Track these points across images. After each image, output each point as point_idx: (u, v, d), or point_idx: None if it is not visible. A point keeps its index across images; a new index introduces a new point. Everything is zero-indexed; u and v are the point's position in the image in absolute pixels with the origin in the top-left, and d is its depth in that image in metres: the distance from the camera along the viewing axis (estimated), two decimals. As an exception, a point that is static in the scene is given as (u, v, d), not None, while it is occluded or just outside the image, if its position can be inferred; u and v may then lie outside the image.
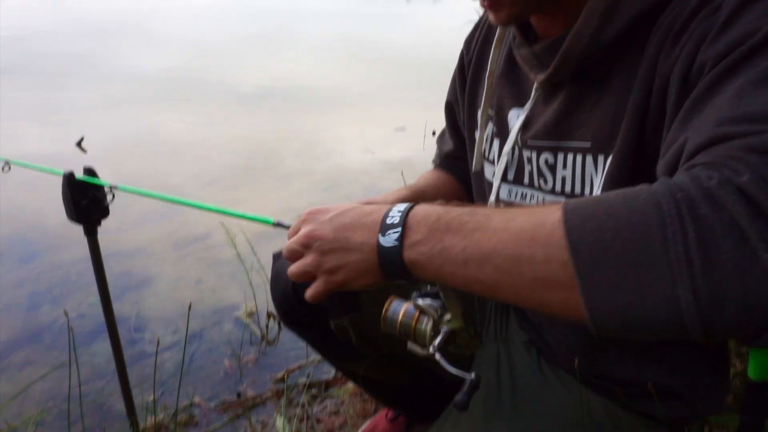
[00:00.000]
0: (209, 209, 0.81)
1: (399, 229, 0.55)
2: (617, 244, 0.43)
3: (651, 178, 0.53)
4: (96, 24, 11.04)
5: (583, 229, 0.45)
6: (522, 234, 0.49)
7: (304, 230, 0.63)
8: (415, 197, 0.94)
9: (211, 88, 6.10)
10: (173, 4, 15.67)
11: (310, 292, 0.66)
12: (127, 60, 7.47)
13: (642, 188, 0.47)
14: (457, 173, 1.08)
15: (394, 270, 0.57)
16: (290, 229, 0.68)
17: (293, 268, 0.66)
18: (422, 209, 0.57)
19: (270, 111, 5.24)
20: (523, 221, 0.49)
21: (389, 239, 0.56)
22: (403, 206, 0.58)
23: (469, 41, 0.99)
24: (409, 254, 0.55)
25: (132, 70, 6.81)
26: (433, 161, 1.15)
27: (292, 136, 4.29)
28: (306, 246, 0.62)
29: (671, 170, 0.53)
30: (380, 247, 0.56)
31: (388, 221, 0.56)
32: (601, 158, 0.70)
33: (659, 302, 0.42)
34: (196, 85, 6.25)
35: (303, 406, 1.53)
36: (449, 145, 1.09)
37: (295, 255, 0.66)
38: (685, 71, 0.57)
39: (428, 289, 0.66)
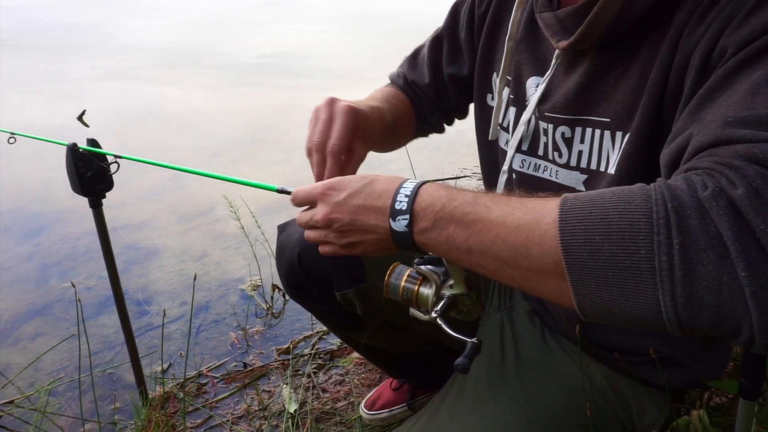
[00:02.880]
0: (212, 176, 0.81)
1: (407, 216, 0.59)
2: (606, 248, 0.46)
3: None
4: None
5: (575, 231, 0.48)
6: (520, 229, 0.52)
7: (321, 212, 0.65)
8: (390, 126, 0.93)
9: (213, 60, 6.04)
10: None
11: (326, 250, 0.69)
12: (130, 32, 7.40)
13: (637, 191, 0.48)
14: (417, 106, 1.04)
15: (408, 248, 0.62)
16: (300, 195, 0.68)
17: (312, 235, 0.69)
18: (427, 196, 0.59)
19: (273, 83, 5.20)
20: (521, 216, 0.52)
21: (399, 225, 0.60)
22: (408, 188, 0.60)
23: None
24: (419, 239, 0.60)
25: (134, 42, 6.75)
26: (393, 79, 1.08)
27: (295, 107, 4.26)
28: (326, 225, 0.65)
29: (674, 162, 0.55)
30: (393, 231, 0.61)
31: (397, 206, 0.60)
32: (619, 135, 0.69)
33: (641, 304, 0.45)
34: (198, 56, 6.20)
35: (308, 375, 1.55)
36: (422, 76, 1.03)
37: (313, 227, 0.69)
38: (706, 53, 0.56)
39: (431, 255, 0.67)
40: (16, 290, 2.04)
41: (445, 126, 1.10)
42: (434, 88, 1.02)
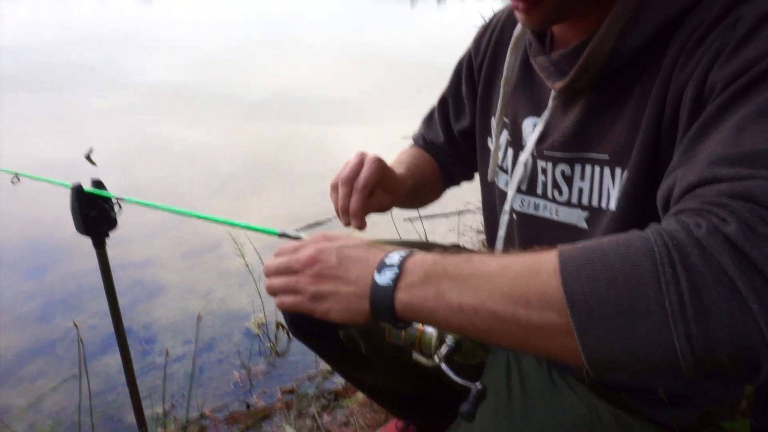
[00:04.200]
0: (215, 220, 0.82)
1: (396, 269, 0.55)
2: (612, 293, 0.44)
3: None
4: (104, 35, 11.18)
5: (578, 278, 0.46)
6: (518, 281, 0.49)
7: (308, 252, 0.62)
8: (416, 186, 0.97)
9: (218, 97, 6.15)
10: (179, 15, 15.84)
11: (287, 301, 0.64)
12: (135, 70, 7.56)
13: (633, 235, 0.47)
14: (441, 162, 1.08)
15: (382, 309, 0.56)
16: (282, 247, 0.66)
17: (277, 282, 0.64)
18: (421, 255, 0.57)
19: (277, 119, 5.27)
20: (519, 268, 0.50)
21: (384, 277, 0.55)
22: (405, 251, 0.58)
23: (478, 42, 0.97)
24: (402, 296, 0.54)
25: (140, 80, 6.88)
26: (415, 139, 1.13)
27: (298, 143, 4.31)
28: (306, 265, 0.62)
29: (665, 203, 0.55)
30: (374, 284, 0.56)
31: (387, 261, 0.57)
32: (618, 171, 0.69)
33: (655, 347, 0.44)
34: (203, 94, 6.31)
35: (313, 416, 1.53)
36: (437, 136, 1.08)
37: (285, 270, 0.64)
38: (698, 89, 0.57)
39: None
40: (19, 329, 2.04)
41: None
42: (450, 146, 1.06)
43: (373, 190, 0.82)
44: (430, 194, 1.09)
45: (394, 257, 0.57)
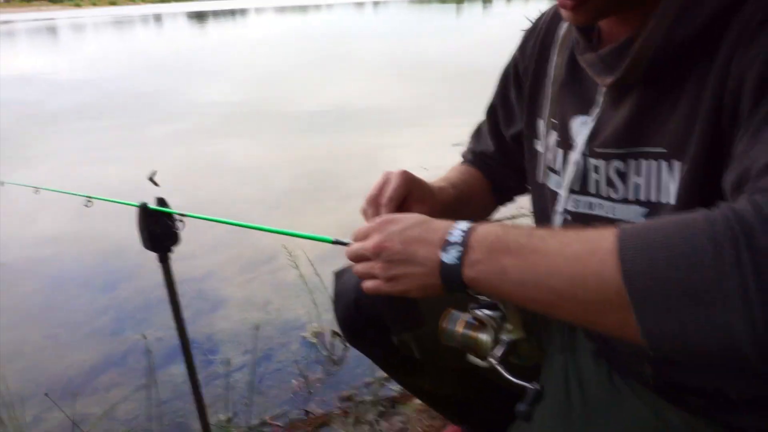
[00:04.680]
0: (270, 231, 0.85)
1: (460, 247, 0.58)
2: (671, 273, 0.44)
3: None
4: (163, 62, 11.76)
5: (636, 257, 0.46)
6: (577, 259, 0.50)
7: (375, 239, 0.66)
8: (458, 196, 0.96)
9: (273, 115, 6.35)
10: (232, 37, 16.45)
11: (369, 285, 0.69)
12: (194, 94, 7.91)
13: (699, 215, 0.46)
14: (491, 175, 1.07)
15: (454, 285, 0.59)
16: (358, 230, 0.70)
17: (359, 267, 0.69)
18: (482, 229, 0.59)
19: (330, 133, 5.38)
20: (578, 246, 0.51)
21: (451, 257, 0.58)
22: (465, 225, 0.60)
23: (523, 47, 0.97)
24: (468, 272, 0.58)
25: (199, 103, 7.20)
26: (464, 156, 1.12)
27: (350, 156, 4.38)
28: (375, 254, 0.66)
29: (737, 187, 0.52)
30: (442, 264, 0.59)
31: (451, 239, 0.59)
32: (676, 164, 0.67)
33: (715, 330, 0.43)
34: (259, 112, 6.53)
35: (370, 423, 1.54)
36: (488, 146, 1.07)
37: (361, 258, 0.69)
38: (758, 77, 0.55)
39: (486, 300, 0.66)
40: (93, 342, 2.16)
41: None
42: (502, 154, 1.05)
43: (404, 203, 0.83)
44: (479, 207, 1.08)
45: (457, 234, 0.59)
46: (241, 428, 1.59)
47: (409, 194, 0.83)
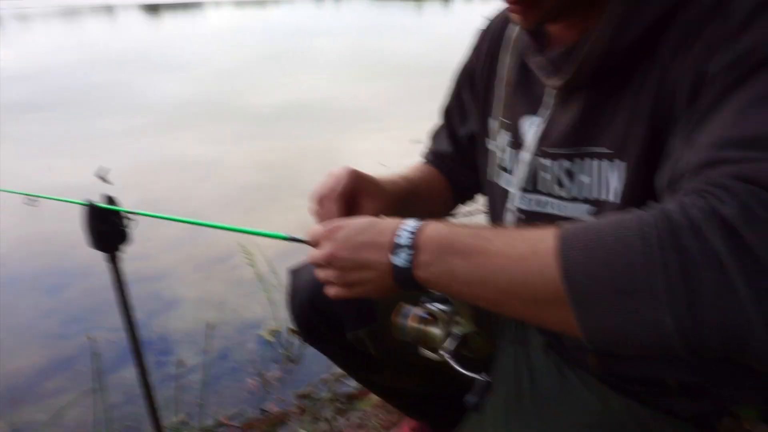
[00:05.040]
0: (223, 228, 0.84)
1: (410, 251, 0.60)
2: (606, 273, 0.46)
3: None
4: (116, 55, 11.37)
5: (574, 258, 0.48)
6: (520, 259, 0.52)
7: (326, 249, 0.67)
8: (411, 189, 0.96)
9: (230, 112, 6.22)
10: (188, 31, 16.04)
11: (331, 293, 0.70)
12: (148, 89, 7.67)
13: (632, 215, 0.49)
14: (449, 174, 1.07)
15: (407, 286, 0.61)
16: (310, 231, 0.71)
17: (321, 274, 0.70)
18: (429, 230, 0.61)
19: (287, 130, 5.31)
20: (521, 246, 0.53)
21: (401, 260, 0.60)
22: (412, 225, 0.61)
23: (477, 48, 0.99)
24: (420, 274, 0.60)
25: (152, 99, 6.98)
26: (424, 156, 1.13)
27: (308, 153, 4.34)
28: (327, 263, 0.67)
29: (668, 187, 0.55)
30: (394, 267, 0.61)
31: (400, 241, 0.60)
32: (619, 163, 0.70)
33: (646, 327, 0.45)
34: (215, 109, 6.38)
35: (328, 420, 1.53)
36: (445, 146, 1.08)
37: (317, 265, 0.70)
38: (695, 78, 0.58)
39: (438, 293, 0.67)
40: (38, 346, 2.07)
41: None
42: (458, 154, 1.06)
43: (354, 198, 0.83)
44: (438, 204, 1.08)
45: (405, 236, 0.60)
46: (195, 429, 1.56)
47: (357, 190, 0.83)
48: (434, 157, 1.10)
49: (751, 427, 1.03)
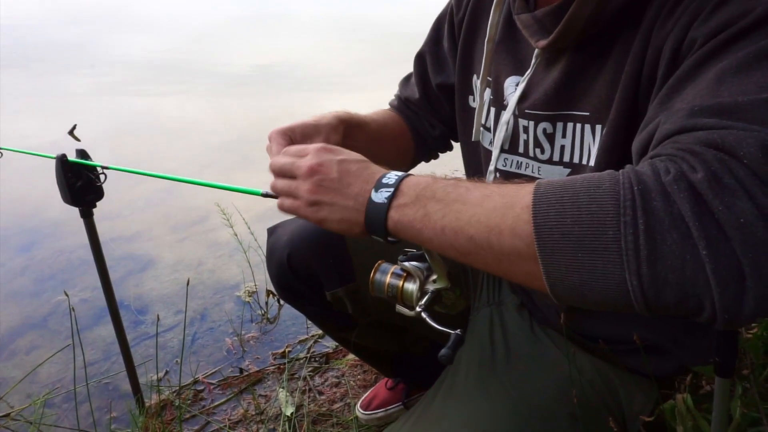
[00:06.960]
0: (197, 183, 0.83)
1: (391, 189, 0.59)
2: (576, 230, 0.47)
3: None
4: (86, 11, 10.90)
5: (548, 214, 0.49)
6: (495, 211, 0.53)
7: (310, 161, 0.64)
8: (353, 122, 0.93)
9: (203, 71, 6.06)
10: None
11: (287, 204, 0.67)
12: (119, 46, 7.41)
13: (606, 175, 0.50)
14: (413, 122, 1.05)
15: (376, 225, 0.60)
16: (292, 148, 0.69)
17: (281, 184, 0.67)
18: (415, 177, 0.61)
19: (263, 92, 5.21)
20: (498, 199, 0.54)
21: (380, 196, 0.60)
22: (401, 173, 0.62)
23: None
24: (393, 214, 0.59)
25: (124, 56, 6.75)
26: (390, 103, 1.11)
27: (284, 115, 4.26)
28: (307, 174, 0.64)
29: (643, 149, 0.56)
30: (370, 201, 0.60)
31: (384, 180, 0.60)
32: (598, 128, 0.71)
33: (609, 284, 0.47)
34: (188, 68, 6.20)
35: (305, 379, 1.56)
36: (413, 92, 1.05)
37: (287, 174, 0.67)
38: (676, 46, 0.58)
39: (414, 252, 0.68)
40: (10, 304, 2.04)
41: (453, 143, 1.10)
42: (427, 101, 1.04)
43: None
44: (395, 151, 1.04)
45: (392, 177, 0.61)
46: (173, 387, 1.57)
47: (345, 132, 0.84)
48: (400, 103, 1.07)
49: (708, 385, 1.08)
